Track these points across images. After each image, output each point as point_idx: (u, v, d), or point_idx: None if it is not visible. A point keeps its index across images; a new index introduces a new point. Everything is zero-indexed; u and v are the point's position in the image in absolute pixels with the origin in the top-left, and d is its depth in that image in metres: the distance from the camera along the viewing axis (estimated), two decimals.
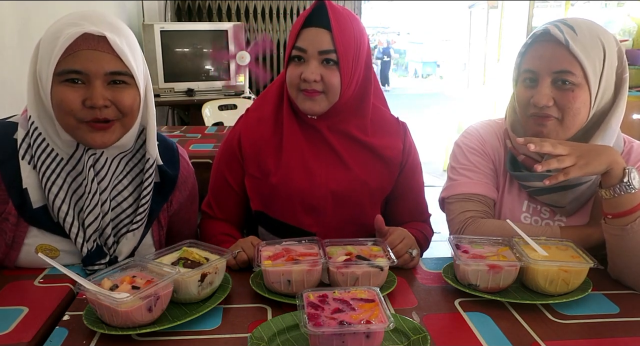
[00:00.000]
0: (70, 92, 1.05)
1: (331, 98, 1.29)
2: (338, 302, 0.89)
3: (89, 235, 1.14)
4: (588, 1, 5.37)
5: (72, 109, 1.05)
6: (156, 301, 0.92)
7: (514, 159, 1.30)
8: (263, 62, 4.76)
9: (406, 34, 21.12)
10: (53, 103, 1.06)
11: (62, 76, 1.04)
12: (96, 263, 1.15)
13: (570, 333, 0.95)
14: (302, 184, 1.33)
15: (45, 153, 1.11)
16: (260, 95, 1.45)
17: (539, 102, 1.17)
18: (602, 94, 1.19)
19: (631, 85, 4.25)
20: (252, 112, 1.42)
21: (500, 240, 1.15)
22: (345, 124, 1.35)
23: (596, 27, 1.19)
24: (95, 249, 1.15)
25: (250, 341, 0.88)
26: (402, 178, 1.43)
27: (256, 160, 1.36)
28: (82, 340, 0.90)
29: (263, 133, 1.36)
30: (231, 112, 3.83)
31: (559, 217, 1.29)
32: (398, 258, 1.12)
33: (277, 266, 1.03)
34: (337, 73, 1.26)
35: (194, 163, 1.40)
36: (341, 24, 1.24)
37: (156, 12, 4.47)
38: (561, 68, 1.15)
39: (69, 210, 1.13)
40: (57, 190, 1.11)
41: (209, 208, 1.44)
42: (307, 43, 1.25)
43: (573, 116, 1.17)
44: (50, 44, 1.04)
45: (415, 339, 0.89)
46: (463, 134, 1.40)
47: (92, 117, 1.06)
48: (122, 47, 1.06)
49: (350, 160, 1.36)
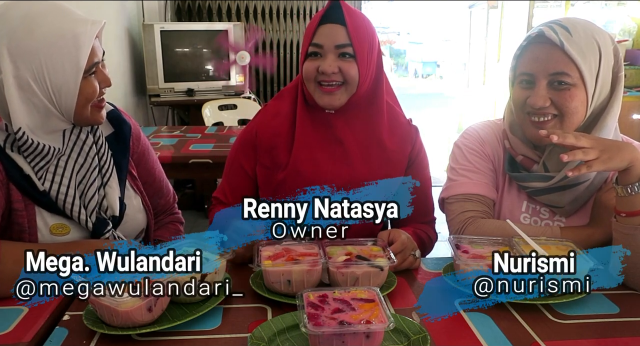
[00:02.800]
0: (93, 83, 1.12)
1: (350, 89, 1.31)
2: (338, 302, 0.90)
3: (90, 212, 1.19)
4: (588, 1, 5.37)
5: (94, 97, 1.13)
6: (156, 301, 0.92)
7: (512, 160, 1.30)
8: (263, 50, 4.74)
9: (406, 34, 21.11)
10: (81, 94, 1.11)
11: (89, 70, 1.11)
12: (105, 232, 1.20)
13: (570, 333, 0.95)
14: (308, 176, 1.36)
15: (32, 148, 1.11)
16: (277, 93, 1.50)
17: (535, 104, 1.18)
18: (599, 93, 1.19)
19: (631, 85, 4.25)
20: (269, 108, 1.46)
21: (500, 240, 1.15)
22: (360, 119, 1.37)
23: (591, 26, 1.19)
24: (97, 220, 1.20)
25: (250, 341, 0.88)
26: (408, 175, 1.43)
27: (269, 152, 1.40)
28: (82, 340, 0.90)
29: (278, 127, 1.40)
30: (231, 112, 3.84)
31: (558, 217, 1.29)
32: (403, 262, 1.13)
33: (277, 266, 1.03)
34: (355, 65, 1.29)
35: (194, 163, 1.41)
36: (355, 20, 1.29)
37: (156, 12, 4.47)
38: (557, 70, 1.16)
39: (67, 191, 1.16)
40: (52, 177, 1.15)
41: (222, 194, 1.47)
42: (324, 38, 1.29)
43: (571, 115, 1.18)
44: (64, 47, 1.06)
45: (415, 339, 0.89)
46: (462, 135, 1.41)
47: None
48: None
49: (359, 158, 1.38)
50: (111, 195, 1.24)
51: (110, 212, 1.24)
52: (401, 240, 1.19)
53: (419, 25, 20.31)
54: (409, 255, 1.19)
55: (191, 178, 4.04)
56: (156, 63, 3.87)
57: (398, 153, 1.40)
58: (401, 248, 1.18)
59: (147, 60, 3.85)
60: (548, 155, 1.25)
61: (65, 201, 1.16)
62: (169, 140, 2.83)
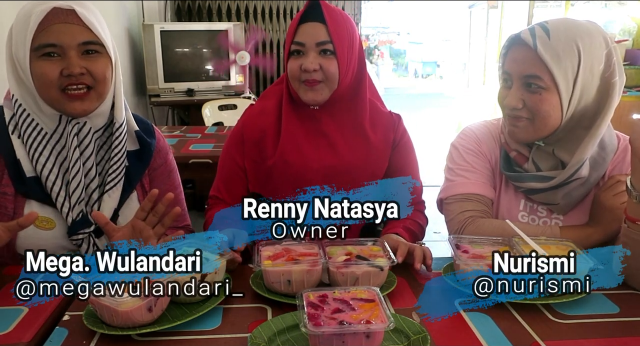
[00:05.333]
0: (48, 65, 1.13)
1: (331, 86, 1.36)
2: (338, 302, 0.90)
3: (74, 204, 1.20)
4: (588, 1, 5.37)
5: (52, 80, 1.13)
6: (156, 301, 0.92)
7: (508, 158, 1.31)
8: (263, 51, 4.74)
9: (406, 34, 21.11)
10: (34, 79, 1.14)
11: (38, 51, 1.12)
12: (80, 232, 1.20)
13: (570, 333, 0.95)
14: (295, 167, 1.39)
15: (31, 128, 1.18)
16: (262, 93, 1.55)
17: (508, 104, 1.21)
18: (579, 98, 1.18)
19: (631, 85, 4.24)
20: (255, 106, 1.52)
21: (500, 240, 1.15)
22: (344, 113, 1.42)
23: (576, 30, 1.17)
24: (81, 218, 1.21)
25: (250, 341, 0.88)
26: (393, 158, 1.47)
27: (257, 146, 1.44)
28: (82, 340, 0.90)
29: (264, 123, 1.44)
30: (231, 112, 3.83)
31: (555, 215, 1.30)
32: (415, 255, 1.15)
33: (277, 266, 1.03)
34: (335, 62, 1.34)
35: (194, 163, 1.42)
36: (334, 18, 1.34)
37: (156, 12, 4.48)
38: (529, 72, 1.17)
39: (56, 179, 1.19)
40: (45, 160, 1.18)
41: (217, 192, 1.49)
42: (305, 37, 1.34)
43: (543, 118, 1.19)
44: (23, 24, 1.12)
45: (415, 339, 0.89)
46: (459, 135, 1.41)
47: (68, 83, 1.13)
48: (90, 18, 1.15)
49: (344, 148, 1.42)
50: (107, 203, 1.24)
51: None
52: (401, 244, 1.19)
53: (419, 25, 20.29)
54: (415, 248, 1.19)
55: (191, 178, 4.03)
56: (156, 63, 3.87)
57: (381, 141, 1.44)
58: (406, 249, 1.18)
59: (147, 60, 3.85)
60: (535, 152, 1.26)
61: (52, 188, 1.18)
62: (169, 140, 2.78)
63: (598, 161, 1.24)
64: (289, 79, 1.39)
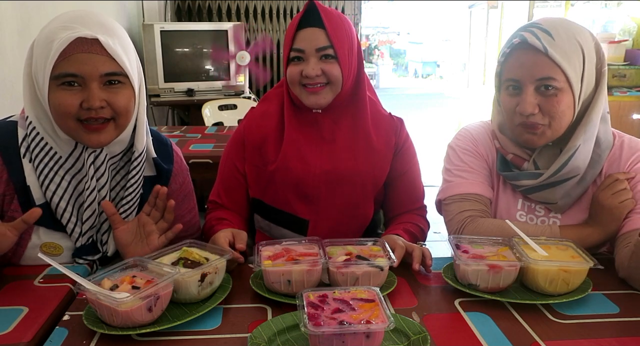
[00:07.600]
0: (67, 96, 1.07)
1: (335, 89, 1.34)
2: (338, 302, 0.89)
3: (85, 230, 1.17)
4: (588, 1, 5.37)
5: (70, 112, 1.08)
6: (156, 301, 0.92)
7: (504, 159, 1.31)
8: (263, 62, 4.76)
9: (406, 34, 21.11)
10: (51, 106, 1.09)
11: (58, 80, 1.07)
12: (83, 256, 1.19)
13: (570, 333, 0.95)
14: (297, 172, 1.38)
15: (43, 152, 1.13)
16: (263, 96, 1.52)
17: (524, 111, 1.19)
18: (585, 92, 1.20)
19: (631, 85, 4.24)
20: (257, 110, 1.49)
21: (500, 240, 1.16)
22: (346, 115, 1.40)
23: (571, 27, 1.19)
24: (89, 244, 1.19)
25: (250, 341, 0.88)
26: (395, 163, 1.45)
27: (259, 150, 1.42)
28: (82, 340, 0.90)
29: (266, 127, 1.42)
30: (231, 112, 3.83)
31: (553, 214, 1.30)
32: (414, 256, 1.16)
33: (277, 266, 1.03)
34: (337, 65, 1.32)
35: (194, 163, 1.41)
36: (333, 22, 1.31)
37: (156, 12, 4.48)
38: (543, 75, 1.17)
39: (67, 206, 1.15)
40: (55, 187, 1.14)
41: (217, 197, 1.47)
42: (305, 43, 1.31)
43: (559, 119, 1.19)
44: (44, 49, 1.06)
45: (415, 339, 0.89)
46: (455, 136, 1.42)
47: (87, 116, 1.08)
48: (115, 48, 1.09)
49: (346, 153, 1.40)
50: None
51: (107, 248, 1.22)
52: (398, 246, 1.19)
53: (419, 25, 20.31)
54: (414, 248, 1.20)
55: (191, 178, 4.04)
56: (156, 63, 3.87)
57: (384, 145, 1.42)
58: (402, 252, 1.18)
59: (147, 60, 3.85)
60: (538, 154, 1.26)
61: (63, 215, 1.15)
62: None
63: (594, 158, 1.24)
64: (289, 84, 1.36)
